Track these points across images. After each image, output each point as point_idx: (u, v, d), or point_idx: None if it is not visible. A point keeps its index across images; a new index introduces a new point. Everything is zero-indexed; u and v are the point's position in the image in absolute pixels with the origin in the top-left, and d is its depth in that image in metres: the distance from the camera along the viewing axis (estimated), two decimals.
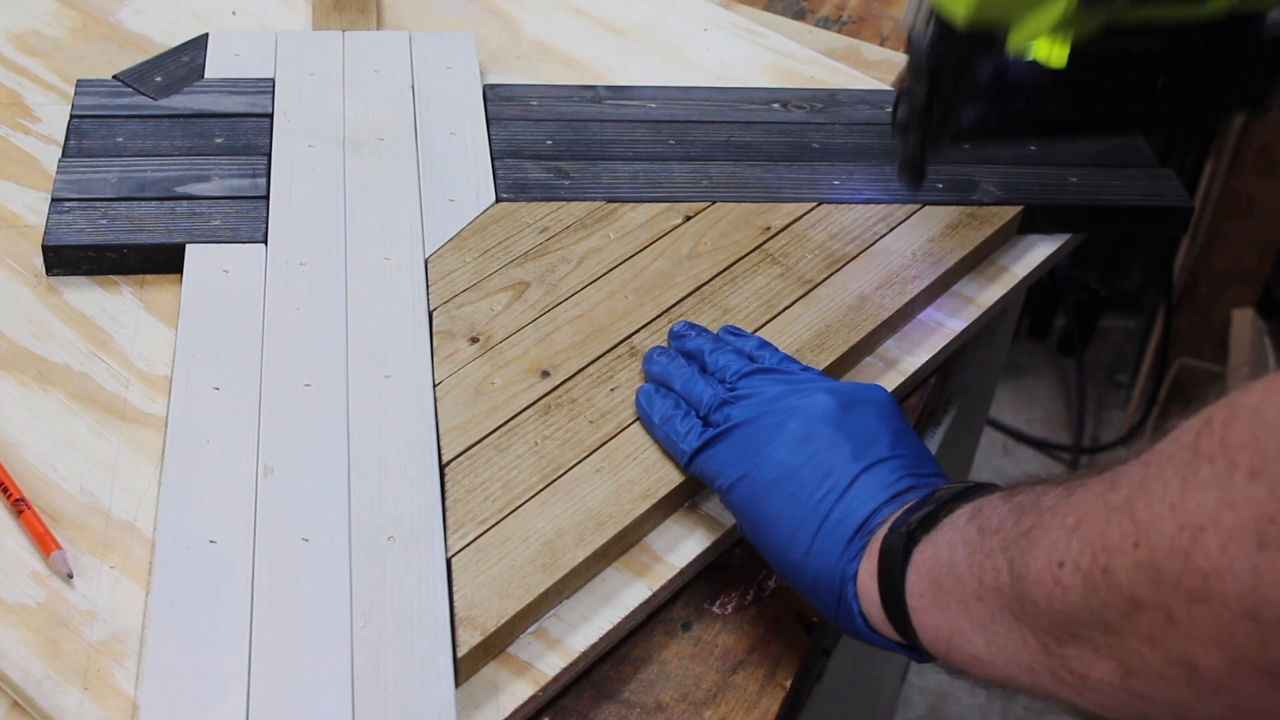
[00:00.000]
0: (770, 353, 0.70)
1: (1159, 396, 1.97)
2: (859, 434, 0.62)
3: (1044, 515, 0.50)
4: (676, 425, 0.67)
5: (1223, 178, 1.93)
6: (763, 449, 0.62)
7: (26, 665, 0.59)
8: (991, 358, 0.96)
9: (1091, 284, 2.15)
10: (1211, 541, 0.41)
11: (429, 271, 0.78)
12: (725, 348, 0.70)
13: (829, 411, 0.63)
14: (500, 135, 0.88)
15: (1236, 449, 0.41)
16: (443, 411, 0.70)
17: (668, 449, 0.68)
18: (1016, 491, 0.54)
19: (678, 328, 0.74)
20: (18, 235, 0.80)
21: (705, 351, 0.71)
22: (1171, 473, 0.44)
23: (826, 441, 0.61)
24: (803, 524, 0.60)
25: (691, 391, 0.68)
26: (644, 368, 0.72)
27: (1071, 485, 0.50)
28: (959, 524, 0.55)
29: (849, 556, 0.59)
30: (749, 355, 0.70)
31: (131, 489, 0.67)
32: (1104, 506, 0.46)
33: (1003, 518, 0.52)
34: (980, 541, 0.53)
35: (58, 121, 0.87)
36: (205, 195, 0.81)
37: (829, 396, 0.63)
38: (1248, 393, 0.43)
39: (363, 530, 0.64)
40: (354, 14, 0.98)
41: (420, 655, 0.59)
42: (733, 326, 0.74)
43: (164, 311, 0.76)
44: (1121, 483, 0.46)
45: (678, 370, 0.70)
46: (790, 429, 0.62)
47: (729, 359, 0.69)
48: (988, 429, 2.06)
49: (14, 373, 0.72)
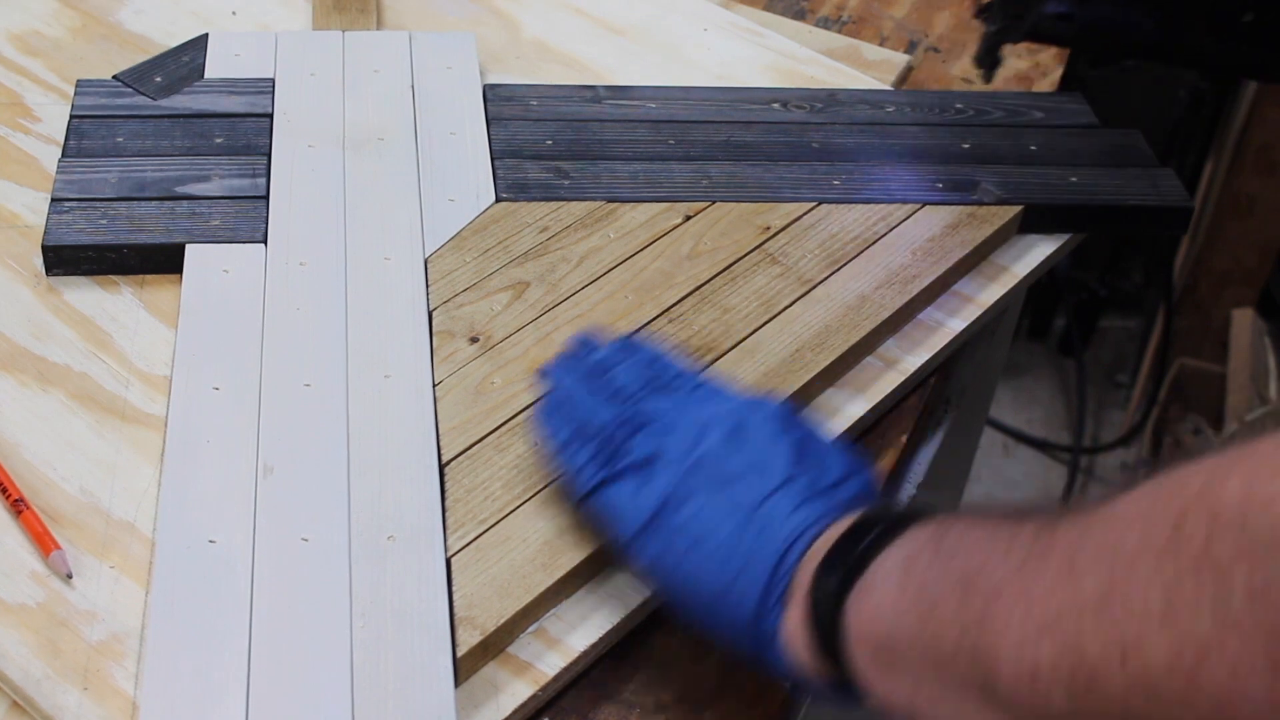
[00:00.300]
0: (666, 366, 0.65)
1: (1159, 396, 1.97)
2: (753, 460, 0.58)
3: (995, 598, 0.46)
4: (571, 457, 0.62)
5: (1223, 178, 1.93)
6: (655, 493, 0.58)
7: (26, 665, 0.59)
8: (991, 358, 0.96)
9: (1091, 284, 2.15)
10: (1218, 667, 0.39)
11: (429, 271, 0.78)
12: (625, 364, 0.65)
13: (718, 440, 0.59)
14: (500, 135, 0.88)
15: (1228, 566, 0.39)
16: (443, 411, 0.70)
17: (562, 482, 0.64)
18: (944, 536, 0.51)
19: (575, 341, 0.68)
20: (18, 235, 0.80)
21: (605, 369, 0.65)
22: (1149, 578, 0.41)
23: (720, 476, 0.58)
24: (709, 574, 0.56)
25: (590, 418, 0.63)
26: (541, 386, 0.67)
27: (1014, 550, 0.47)
28: (891, 581, 0.52)
29: (769, 607, 0.55)
30: (648, 371, 0.65)
31: (131, 489, 0.67)
32: (1073, 606, 0.43)
33: (940, 586, 0.49)
34: (924, 614, 0.49)
35: (58, 121, 0.87)
36: (205, 195, 0.81)
37: (716, 422, 0.59)
38: (1221, 490, 0.40)
39: (363, 530, 0.64)
40: (354, 14, 0.98)
41: (420, 655, 0.59)
42: (631, 337, 0.68)
43: (164, 311, 0.76)
44: (1084, 573, 0.43)
45: (574, 389, 0.64)
46: (681, 467, 0.58)
47: (629, 378, 0.64)
48: (988, 429, 2.06)
49: (14, 373, 0.72)
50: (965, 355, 0.84)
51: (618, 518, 0.60)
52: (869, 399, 0.75)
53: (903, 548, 0.53)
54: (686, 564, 0.57)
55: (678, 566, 0.57)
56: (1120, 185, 0.87)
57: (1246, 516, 0.39)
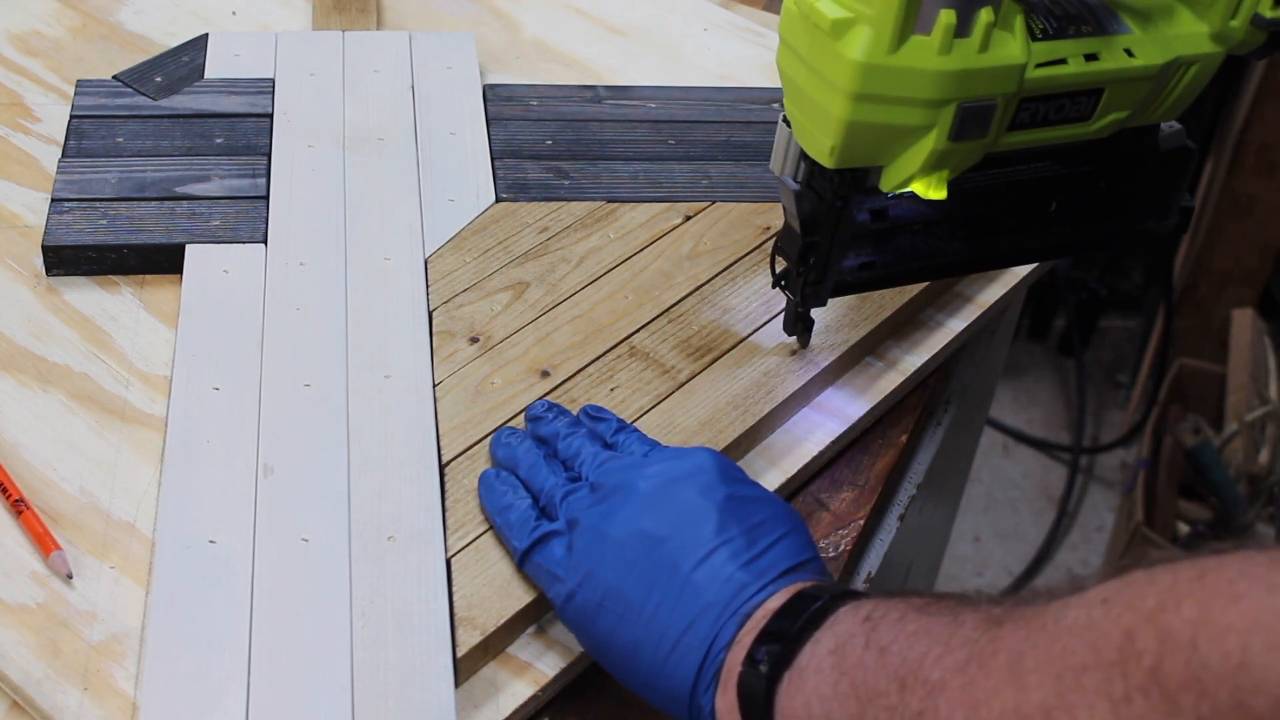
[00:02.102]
0: (627, 436, 0.65)
1: (1159, 396, 1.97)
2: (683, 523, 0.57)
3: (936, 694, 0.46)
4: (510, 517, 0.62)
5: (1223, 178, 1.93)
6: (584, 561, 0.58)
7: (26, 665, 0.59)
8: (991, 358, 0.96)
9: (1091, 284, 2.16)
10: None
11: (429, 271, 0.78)
12: (579, 432, 0.65)
13: (649, 503, 0.58)
14: (500, 135, 0.88)
15: (1177, 690, 0.39)
16: (443, 411, 0.70)
17: (504, 544, 0.63)
18: (877, 625, 0.50)
19: (535, 409, 0.68)
20: (18, 235, 0.80)
21: (559, 436, 0.65)
22: (1096, 693, 0.41)
23: (649, 539, 0.57)
24: (644, 647, 0.56)
25: (534, 479, 0.63)
26: (490, 450, 0.67)
27: (954, 647, 0.46)
28: (824, 672, 0.51)
29: (702, 688, 0.54)
30: (605, 441, 0.65)
31: (131, 489, 0.67)
32: (1017, 714, 0.43)
33: (876, 680, 0.48)
34: (859, 708, 0.49)
35: (58, 121, 0.87)
36: (205, 195, 0.81)
37: (649, 484, 0.58)
38: (1175, 614, 0.40)
39: (363, 530, 0.64)
40: (354, 14, 0.98)
41: (420, 655, 0.59)
42: (594, 407, 0.68)
43: (164, 311, 0.76)
44: (1030, 681, 0.43)
45: (525, 454, 0.65)
46: (610, 535, 0.58)
47: (582, 444, 0.64)
48: (988, 429, 2.06)
49: (14, 373, 0.72)
50: (965, 355, 0.84)
51: (550, 580, 0.60)
52: (869, 399, 0.75)
53: (834, 634, 0.51)
54: (620, 634, 0.56)
55: (611, 635, 0.57)
56: None
57: (1198, 643, 0.39)
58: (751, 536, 0.57)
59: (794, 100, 0.61)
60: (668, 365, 0.73)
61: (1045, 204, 0.69)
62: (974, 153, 0.61)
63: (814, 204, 0.64)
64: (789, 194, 0.65)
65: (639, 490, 0.59)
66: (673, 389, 0.72)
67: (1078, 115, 0.62)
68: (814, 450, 0.72)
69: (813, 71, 0.59)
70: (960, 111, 0.58)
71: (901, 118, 0.58)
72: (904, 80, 0.57)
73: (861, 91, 0.57)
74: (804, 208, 0.65)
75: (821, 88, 0.58)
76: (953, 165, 0.61)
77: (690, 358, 0.74)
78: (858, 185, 0.63)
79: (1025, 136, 0.62)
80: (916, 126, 0.59)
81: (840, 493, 0.73)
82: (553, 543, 0.60)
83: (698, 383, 0.72)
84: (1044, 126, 0.62)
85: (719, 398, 0.72)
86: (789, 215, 0.66)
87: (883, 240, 0.68)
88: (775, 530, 0.57)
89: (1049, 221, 0.70)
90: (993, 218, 0.70)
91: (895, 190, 0.63)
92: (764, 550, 0.56)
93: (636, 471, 0.60)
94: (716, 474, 0.59)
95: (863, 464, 0.75)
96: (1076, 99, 0.62)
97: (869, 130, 0.59)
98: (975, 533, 1.99)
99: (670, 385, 0.72)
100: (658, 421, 0.70)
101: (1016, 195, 0.68)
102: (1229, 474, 1.80)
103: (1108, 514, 2.04)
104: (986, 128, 0.59)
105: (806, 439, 0.73)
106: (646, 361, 0.73)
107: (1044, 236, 0.71)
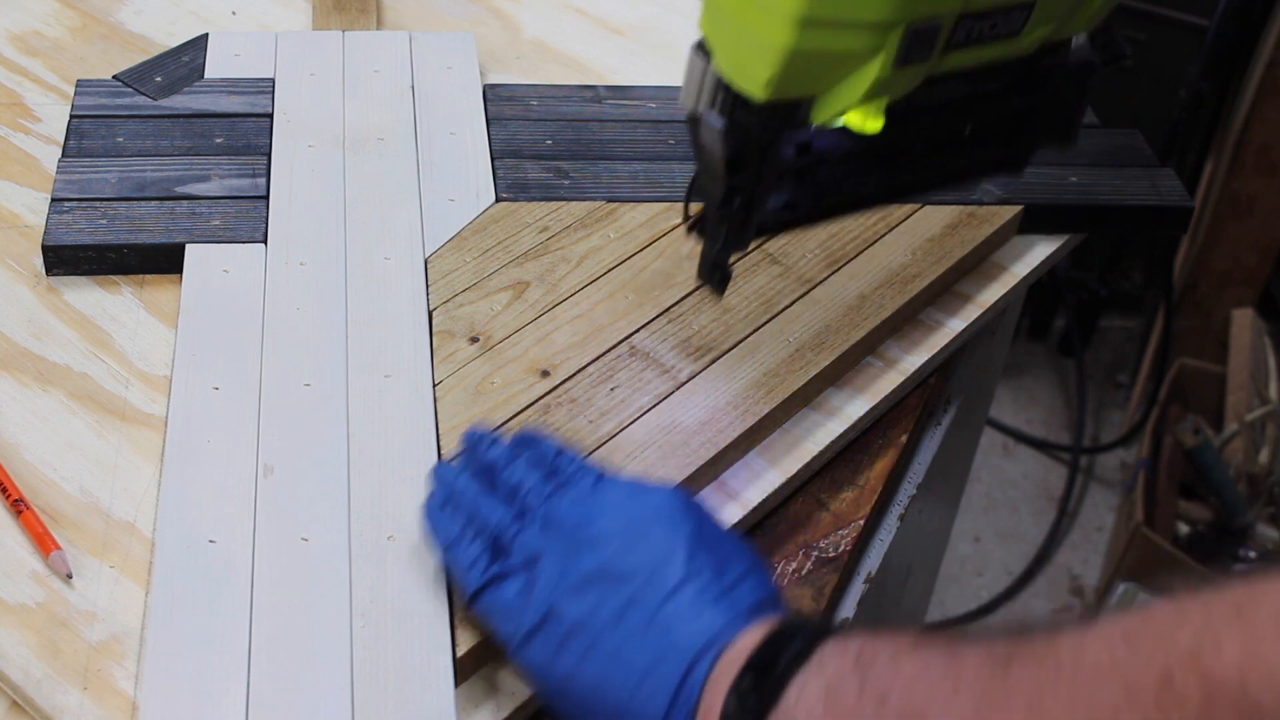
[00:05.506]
0: (568, 461, 0.61)
1: (1159, 396, 1.97)
2: (647, 557, 0.54)
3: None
4: (459, 555, 0.59)
5: (1223, 178, 1.93)
6: (545, 598, 0.55)
7: (26, 665, 0.59)
8: (991, 358, 0.96)
9: (1091, 284, 2.15)
10: None
11: (429, 271, 0.78)
12: (519, 460, 0.62)
13: (608, 536, 0.55)
14: (500, 135, 0.88)
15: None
16: (443, 411, 0.70)
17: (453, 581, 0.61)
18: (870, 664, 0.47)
19: (471, 437, 0.65)
20: (18, 235, 0.80)
21: (498, 466, 0.62)
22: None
23: (612, 575, 0.54)
24: (608, 686, 0.53)
25: (479, 514, 0.60)
26: (430, 483, 0.64)
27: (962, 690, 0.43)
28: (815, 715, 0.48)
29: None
30: (548, 467, 0.61)
31: (131, 489, 0.67)
32: None
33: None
34: None
35: (58, 121, 0.87)
36: (205, 195, 0.81)
37: (607, 517, 0.56)
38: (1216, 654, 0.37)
39: (363, 530, 0.64)
40: (354, 14, 0.98)
41: (420, 655, 0.59)
42: (529, 431, 0.64)
43: (164, 311, 0.76)
44: None
45: (465, 488, 0.61)
46: (572, 572, 0.55)
47: (524, 475, 0.61)
48: (988, 429, 2.06)
49: (14, 373, 0.72)
50: (965, 355, 0.84)
51: (504, 619, 0.57)
52: (869, 399, 0.75)
53: (822, 674, 0.49)
54: (584, 671, 0.53)
55: (575, 672, 0.54)
56: (1120, 185, 0.87)
57: (1248, 686, 0.37)
58: (718, 571, 0.54)
59: (717, 26, 0.54)
60: (668, 365, 0.73)
61: (960, 127, 0.65)
62: (915, 78, 0.56)
63: (739, 140, 0.57)
64: (712, 132, 0.57)
65: (600, 525, 0.56)
66: (673, 389, 0.72)
67: (1009, 31, 0.58)
68: (814, 450, 0.72)
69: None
70: (908, 33, 0.53)
71: (847, 43, 0.52)
72: (853, 1, 0.51)
73: (808, 15, 0.50)
74: (730, 145, 0.57)
75: (756, 12, 0.51)
76: (893, 92, 0.55)
77: (690, 358, 0.74)
78: (789, 119, 0.56)
79: (960, 57, 0.57)
80: (860, 51, 0.53)
81: (840, 493, 0.73)
82: (506, 582, 0.57)
83: (698, 383, 0.72)
84: (977, 45, 0.57)
85: (719, 398, 0.72)
86: (709, 156, 0.59)
87: (804, 176, 0.62)
88: (740, 565, 0.55)
89: (962, 145, 0.66)
90: (909, 145, 0.65)
91: (828, 122, 0.57)
92: (733, 584, 0.54)
93: (593, 504, 0.57)
94: (680, 509, 0.56)
95: (863, 464, 0.75)
96: (1010, 14, 0.57)
97: (810, 59, 0.52)
98: (975, 533, 1.99)
99: (670, 385, 0.72)
100: (658, 421, 0.70)
101: (932, 120, 0.63)
102: (1229, 474, 1.80)
103: (1108, 514, 2.04)
104: (931, 50, 0.55)
105: (806, 439, 0.73)
106: (646, 361, 0.73)
107: (957, 161, 0.67)
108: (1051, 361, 2.23)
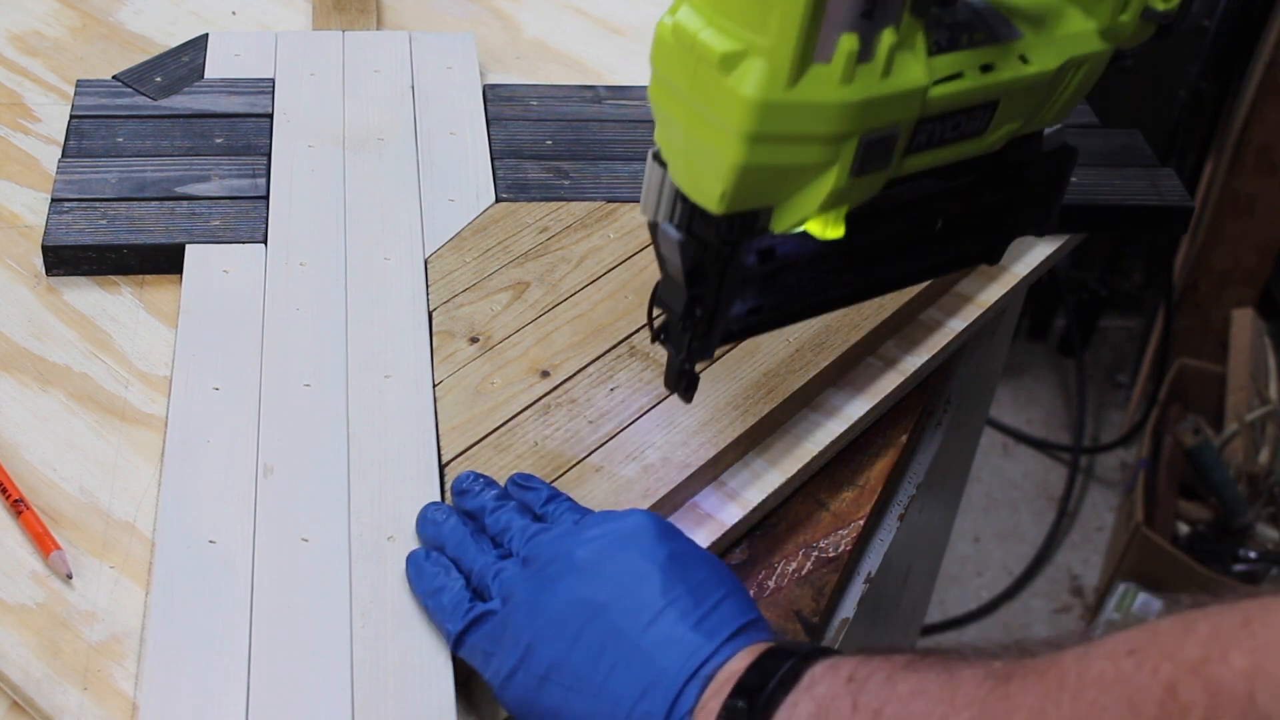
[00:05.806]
0: (557, 505, 0.62)
1: (1159, 396, 1.97)
2: (624, 586, 0.54)
3: None
4: (443, 599, 0.59)
5: (1223, 178, 1.93)
6: (523, 635, 0.55)
7: (26, 665, 0.59)
8: (991, 358, 0.96)
9: (1091, 284, 2.16)
10: None
11: (429, 271, 0.78)
12: (507, 505, 0.62)
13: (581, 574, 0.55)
14: (500, 135, 0.88)
15: None
16: (443, 411, 0.70)
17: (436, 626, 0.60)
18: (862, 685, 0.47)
19: (461, 481, 0.65)
20: (18, 235, 0.80)
21: (486, 510, 0.62)
22: None
23: (587, 613, 0.54)
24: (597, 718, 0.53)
25: (463, 558, 0.60)
26: (416, 528, 0.64)
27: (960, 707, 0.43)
28: None
29: None
30: (535, 513, 0.62)
31: (131, 489, 0.67)
32: None
33: None
34: None
35: (58, 121, 0.87)
36: (205, 195, 0.81)
37: (583, 551, 0.56)
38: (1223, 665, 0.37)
39: (363, 530, 0.64)
40: (354, 14, 0.98)
41: (420, 655, 0.59)
42: (523, 475, 0.65)
43: (164, 312, 0.76)
44: None
45: (451, 532, 0.61)
46: (548, 606, 0.55)
47: (510, 518, 0.61)
48: (988, 429, 2.06)
49: (14, 373, 0.72)
50: (965, 355, 0.84)
51: (487, 659, 0.57)
52: (869, 399, 0.75)
53: (812, 696, 0.49)
54: (568, 707, 0.53)
55: (559, 709, 0.54)
56: (1120, 185, 0.87)
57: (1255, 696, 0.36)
58: (697, 595, 0.54)
59: (671, 140, 0.54)
60: None
61: (931, 222, 0.65)
62: (875, 185, 0.55)
63: (698, 252, 0.56)
64: (670, 243, 0.57)
65: (576, 558, 0.56)
66: None
67: (973, 131, 0.57)
68: (814, 450, 0.72)
69: (696, 110, 0.51)
70: (863, 144, 0.52)
71: (800, 157, 0.52)
72: (804, 116, 0.50)
73: (758, 132, 0.50)
74: (688, 257, 0.57)
75: (707, 128, 0.51)
76: (852, 200, 0.55)
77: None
78: (747, 230, 0.55)
79: (921, 159, 0.57)
80: (815, 164, 0.52)
81: (840, 493, 0.73)
82: (488, 623, 0.57)
83: None
84: (939, 147, 0.57)
85: (719, 398, 0.72)
86: (669, 266, 0.58)
87: (769, 281, 0.62)
88: (719, 588, 0.55)
89: (934, 240, 0.66)
90: (879, 244, 0.65)
91: (787, 230, 0.56)
92: (712, 609, 0.54)
93: (571, 539, 0.57)
94: (654, 534, 0.56)
95: (863, 464, 0.75)
96: (973, 114, 0.57)
97: (764, 173, 0.52)
98: (975, 533, 1.99)
99: None
100: (657, 421, 0.70)
101: (903, 218, 0.63)
102: (1229, 474, 1.80)
103: (1108, 514, 2.04)
104: (889, 158, 0.54)
105: (806, 439, 0.73)
106: (646, 361, 0.73)
107: (930, 256, 0.67)
108: (1051, 361, 2.23)
